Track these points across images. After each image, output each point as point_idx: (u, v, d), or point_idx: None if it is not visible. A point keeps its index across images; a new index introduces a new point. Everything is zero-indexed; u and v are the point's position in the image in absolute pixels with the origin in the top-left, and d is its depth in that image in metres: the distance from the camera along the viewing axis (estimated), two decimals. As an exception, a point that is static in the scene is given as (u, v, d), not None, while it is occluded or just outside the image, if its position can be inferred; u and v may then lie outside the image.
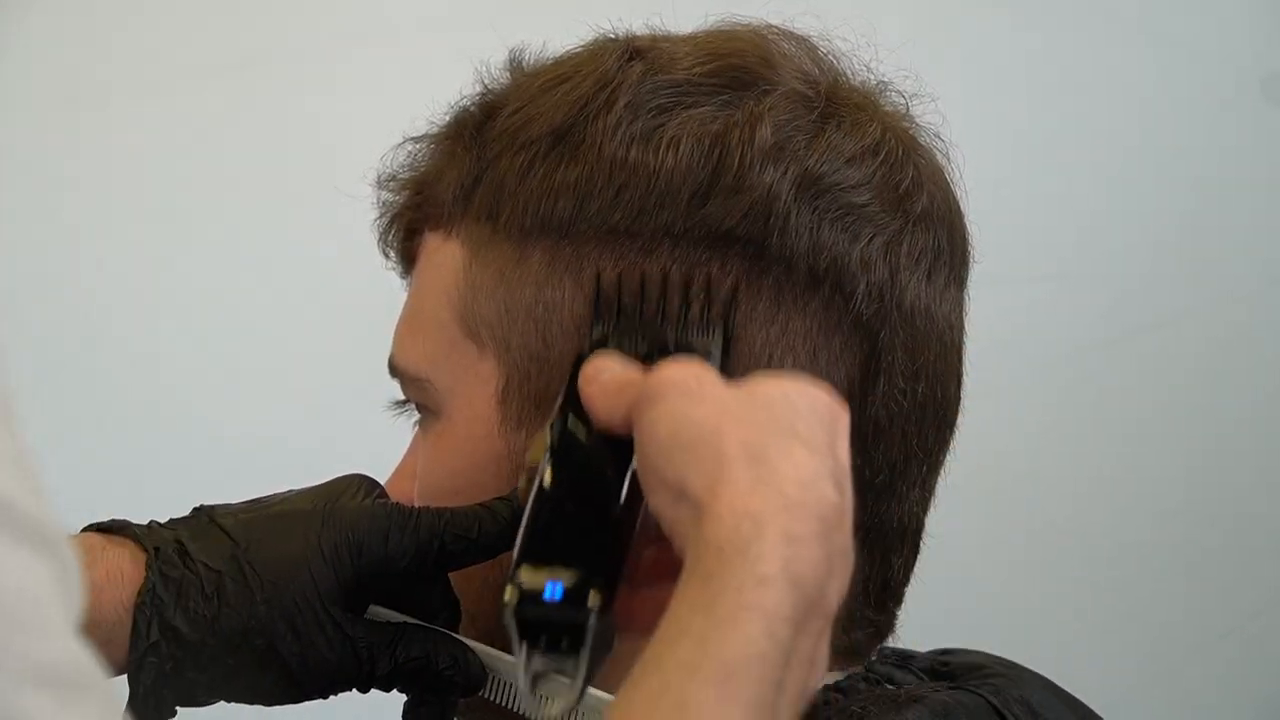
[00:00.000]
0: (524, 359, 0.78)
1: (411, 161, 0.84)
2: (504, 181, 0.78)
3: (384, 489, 0.77)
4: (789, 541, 0.60)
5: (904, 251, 0.79)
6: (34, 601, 0.49)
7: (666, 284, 0.75)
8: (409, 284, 0.85)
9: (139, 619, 0.72)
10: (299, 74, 1.70)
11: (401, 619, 0.76)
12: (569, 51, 0.82)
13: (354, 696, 0.77)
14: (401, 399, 0.84)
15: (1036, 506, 1.89)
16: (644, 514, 0.66)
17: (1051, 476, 1.90)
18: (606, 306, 0.74)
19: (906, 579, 0.83)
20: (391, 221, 0.85)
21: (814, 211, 0.77)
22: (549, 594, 0.65)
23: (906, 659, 0.85)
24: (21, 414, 0.73)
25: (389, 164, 0.85)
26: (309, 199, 1.58)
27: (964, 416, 0.84)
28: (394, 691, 0.76)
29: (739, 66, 0.79)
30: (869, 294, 0.77)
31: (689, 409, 0.64)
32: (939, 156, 0.83)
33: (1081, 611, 1.89)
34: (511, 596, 0.65)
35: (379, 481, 0.78)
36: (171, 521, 0.76)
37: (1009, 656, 0.87)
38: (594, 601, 0.64)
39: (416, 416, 0.84)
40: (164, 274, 1.66)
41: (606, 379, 0.68)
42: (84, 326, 1.63)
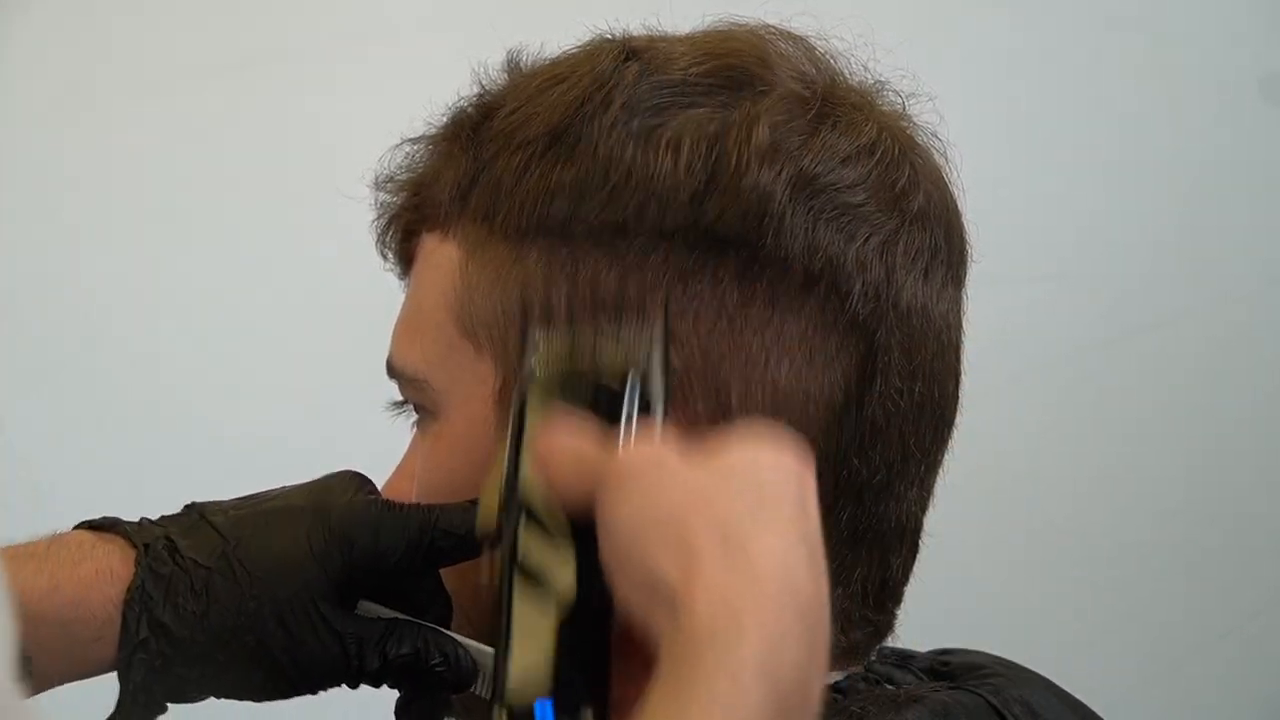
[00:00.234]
0: (521, 359, 0.78)
1: (409, 162, 0.84)
2: (500, 182, 0.78)
3: (374, 485, 0.78)
4: (767, 638, 0.57)
5: (900, 251, 0.78)
6: None
7: (595, 300, 0.74)
8: (407, 285, 0.85)
9: (128, 616, 0.73)
10: (299, 74, 1.70)
11: (392, 615, 0.76)
12: (566, 52, 0.82)
13: (344, 695, 0.77)
14: (400, 399, 0.84)
15: (1036, 506, 1.89)
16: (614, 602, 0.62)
17: (1051, 476, 1.90)
18: (539, 329, 0.69)
19: (905, 579, 0.83)
20: (389, 222, 0.85)
21: (809, 212, 0.76)
22: (539, 715, 0.62)
23: (906, 659, 0.85)
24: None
25: (386, 165, 0.85)
26: (309, 199, 1.58)
27: (963, 416, 0.84)
28: (384, 689, 0.76)
29: (736, 67, 0.79)
30: (865, 294, 0.77)
31: (654, 494, 0.60)
32: (936, 155, 0.83)
33: (1081, 611, 1.89)
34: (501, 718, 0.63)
35: (369, 478, 0.78)
36: (162, 519, 0.76)
37: (1009, 656, 0.87)
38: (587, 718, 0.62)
39: (415, 417, 0.84)
40: (164, 274, 1.66)
41: (563, 462, 0.63)
42: (84, 326, 1.63)
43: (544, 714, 0.62)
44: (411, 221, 0.84)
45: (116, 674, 0.74)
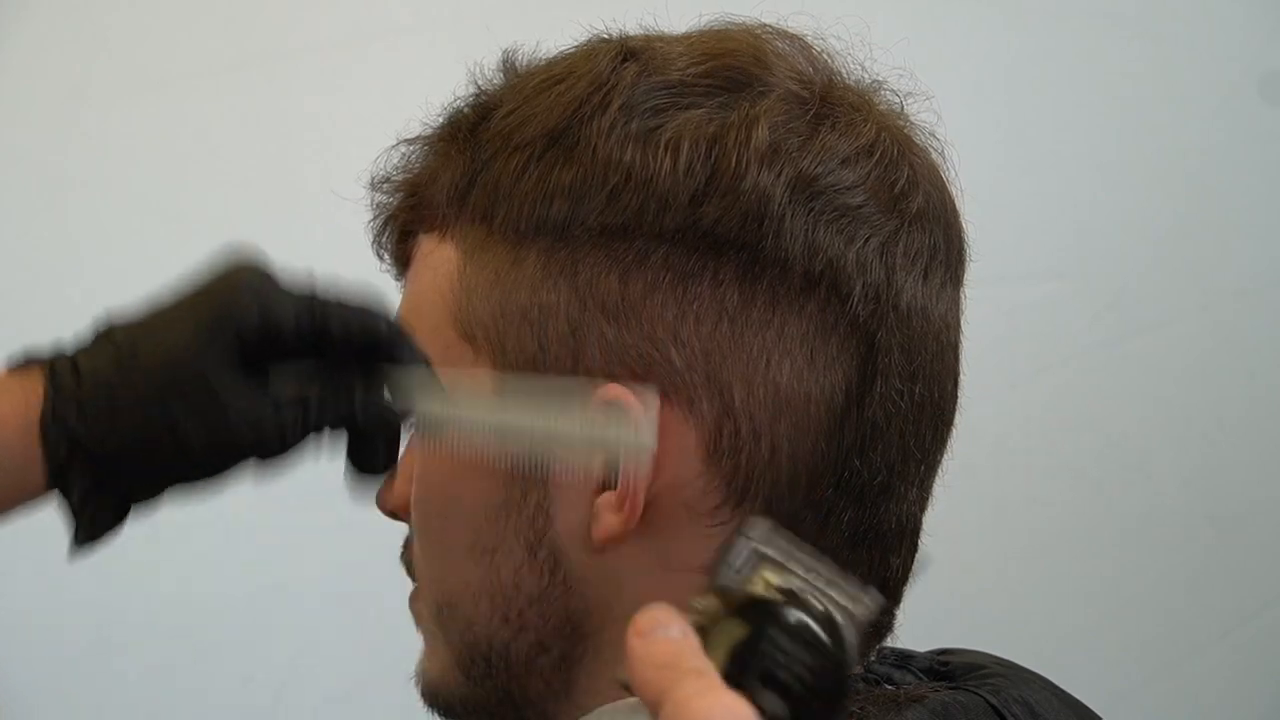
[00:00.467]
0: (519, 362, 0.78)
1: (405, 163, 0.84)
2: (499, 183, 0.78)
3: (269, 267, 0.78)
4: None
5: (900, 252, 0.78)
6: None
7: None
8: (403, 286, 0.85)
9: (47, 440, 0.74)
10: (299, 74, 1.70)
11: (307, 385, 0.76)
12: (563, 52, 0.82)
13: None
14: (398, 400, 0.84)
15: (1036, 506, 1.89)
16: None
17: (1051, 476, 1.90)
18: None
19: (905, 579, 0.82)
20: (385, 223, 0.85)
21: (809, 213, 0.76)
22: None
23: (906, 659, 0.85)
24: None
25: (382, 166, 0.85)
26: (308, 199, 1.58)
27: (962, 416, 0.83)
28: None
29: (733, 67, 0.79)
30: (865, 295, 0.77)
31: None
32: (934, 155, 0.83)
33: (1081, 611, 1.89)
34: None
35: (264, 260, 0.78)
36: (75, 344, 0.77)
37: (1009, 656, 0.87)
38: None
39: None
40: (164, 274, 1.66)
41: (656, 650, 0.57)
42: (84, 326, 1.63)
43: None
44: (408, 222, 0.84)
45: (61, 496, 0.76)
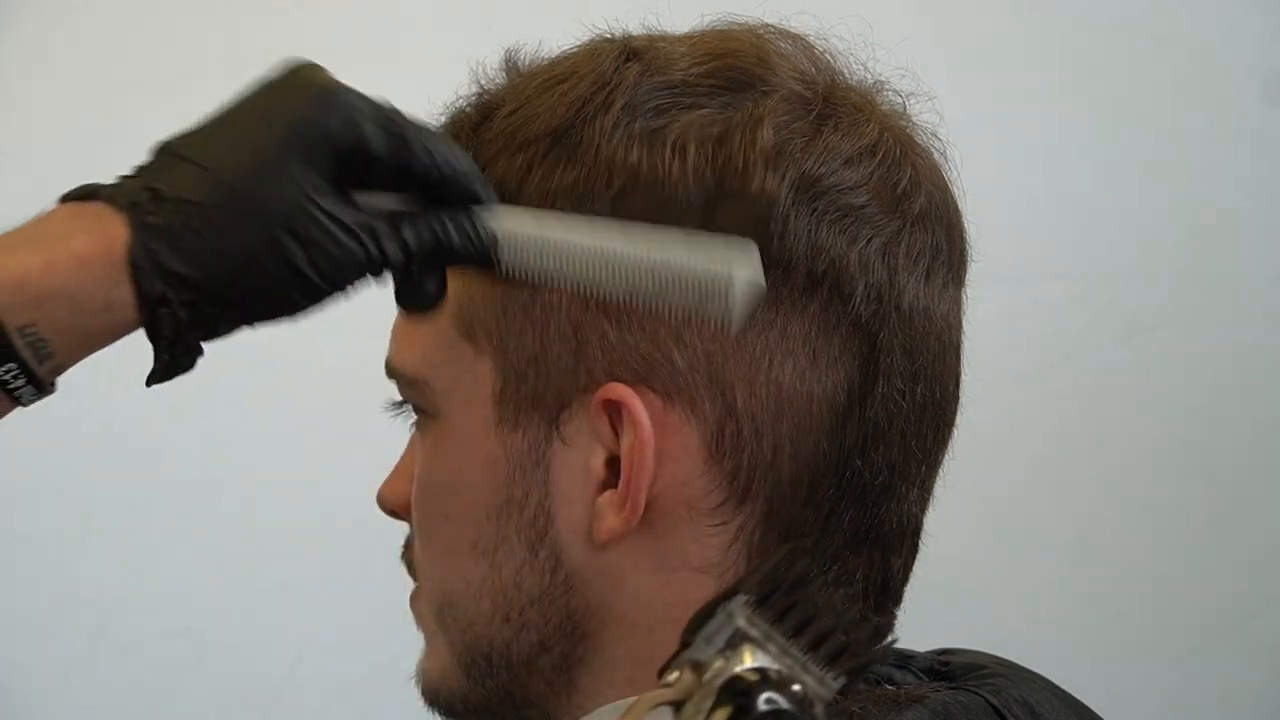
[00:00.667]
0: (520, 360, 0.78)
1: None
2: (502, 183, 0.78)
3: (326, 70, 0.75)
4: None
5: (902, 252, 0.78)
6: None
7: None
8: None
9: (138, 276, 0.70)
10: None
11: (398, 204, 0.74)
12: (565, 52, 0.82)
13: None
14: (399, 400, 0.84)
15: (1036, 506, 1.89)
16: None
17: (1051, 476, 1.90)
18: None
19: (906, 579, 0.82)
20: (388, 221, 0.85)
21: (812, 214, 0.76)
22: None
23: (906, 659, 0.85)
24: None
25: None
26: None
27: (964, 416, 0.83)
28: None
29: (736, 67, 0.79)
30: (867, 295, 0.77)
31: None
32: (936, 155, 0.83)
33: (1082, 611, 1.89)
34: None
35: (319, 64, 0.75)
36: (138, 169, 0.73)
37: (1009, 656, 0.87)
38: None
39: (414, 418, 0.84)
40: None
41: None
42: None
43: None
44: (411, 220, 0.83)
45: (145, 332, 0.72)
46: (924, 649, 0.87)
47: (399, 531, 0.86)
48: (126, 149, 0.72)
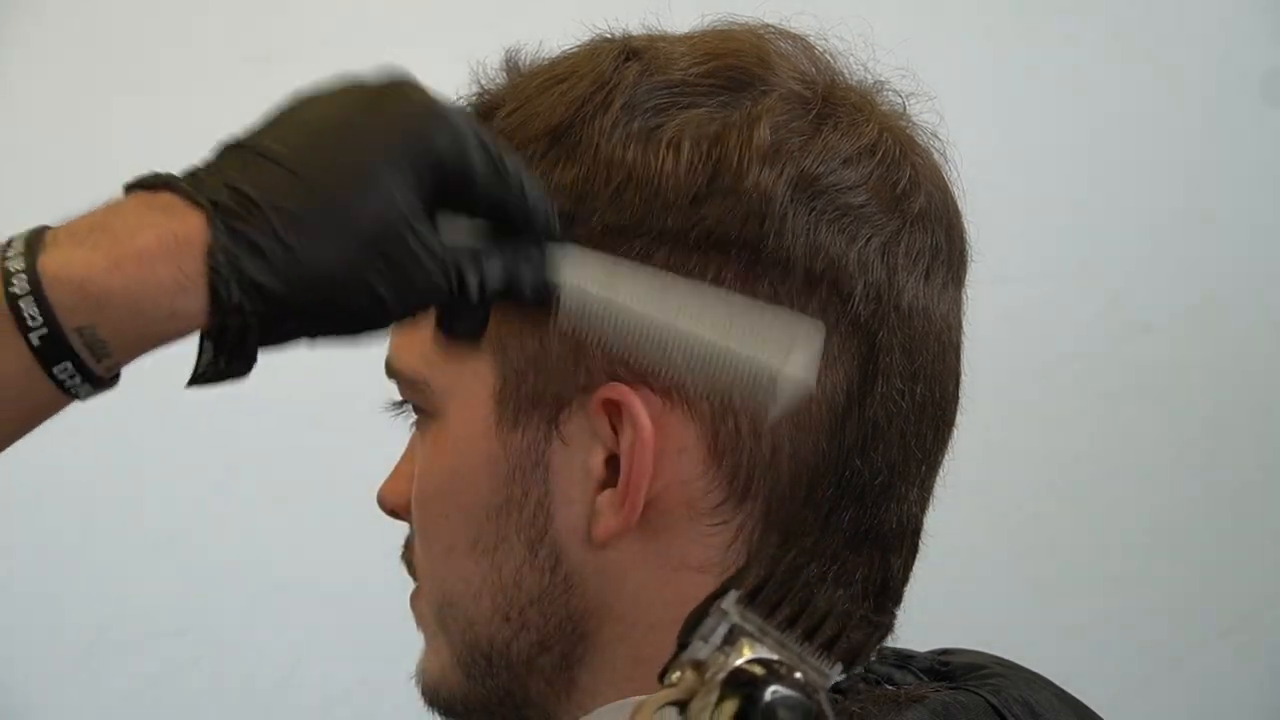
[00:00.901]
0: (520, 360, 0.78)
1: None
2: (503, 182, 0.78)
3: (423, 86, 0.71)
4: None
5: (901, 252, 0.78)
6: None
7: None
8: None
9: (216, 284, 0.65)
10: (299, 73, 1.69)
11: (476, 234, 0.71)
12: (565, 52, 0.82)
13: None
14: (399, 400, 0.84)
15: (1036, 506, 1.89)
16: None
17: (1051, 476, 1.90)
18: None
19: (906, 579, 0.82)
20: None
21: (811, 213, 0.76)
22: None
23: (906, 659, 0.85)
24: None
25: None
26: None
27: (963, 416, 0.83)
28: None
29: (736, 67, 0.79)
30: (867, 295, 0.77)
31: None
32: (936, 155, 0.83)
33: (1081, 611, 1.89)
34: None
35: (416, 78, 0.71)
36: (209, 165, 0.69)
37: (1009, 656, 0.87)
38: None
39: (413, 418, 0.84)
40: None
41: None
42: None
43: None
44: (411, 220, 0.83)
45: (206, 335, 0.68)
46: (924, 649, 0.87)
47: (399, 531, 0.86)
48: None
